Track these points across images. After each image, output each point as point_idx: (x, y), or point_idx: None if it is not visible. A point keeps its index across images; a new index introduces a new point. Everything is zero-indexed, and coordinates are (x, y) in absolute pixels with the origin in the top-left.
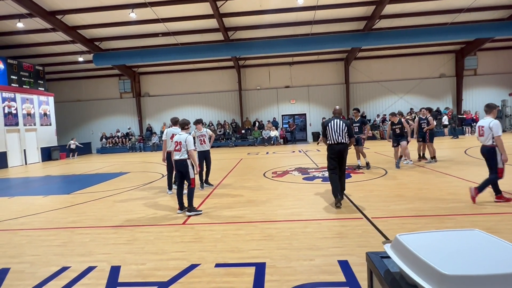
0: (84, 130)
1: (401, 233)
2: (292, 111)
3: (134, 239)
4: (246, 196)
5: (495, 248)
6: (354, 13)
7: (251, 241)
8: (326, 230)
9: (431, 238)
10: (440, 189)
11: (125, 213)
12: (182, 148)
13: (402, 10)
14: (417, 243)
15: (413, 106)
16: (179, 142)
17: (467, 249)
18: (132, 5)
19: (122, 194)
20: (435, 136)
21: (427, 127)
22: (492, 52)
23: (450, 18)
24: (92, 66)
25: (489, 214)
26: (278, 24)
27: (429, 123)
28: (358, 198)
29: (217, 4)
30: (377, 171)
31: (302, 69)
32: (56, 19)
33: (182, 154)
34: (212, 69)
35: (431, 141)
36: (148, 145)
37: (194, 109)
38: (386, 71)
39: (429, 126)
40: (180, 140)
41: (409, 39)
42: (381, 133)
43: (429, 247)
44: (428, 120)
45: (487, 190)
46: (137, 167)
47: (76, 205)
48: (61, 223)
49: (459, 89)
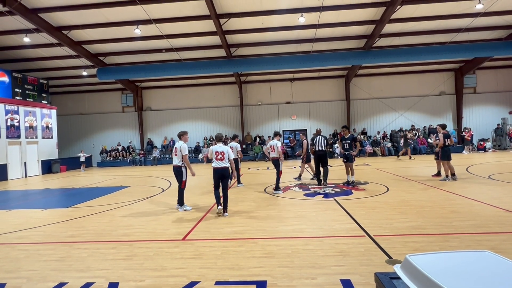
0: (85, 143)
1: (409, 254)
2: (293, 126)
3: (133, 254)
4: (247, 212)
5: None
6: (354, 32)
7: (251, 258)
8: (328, 248)
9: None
10: (442, 207)
11: (124, 228)
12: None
13: (402, 29)
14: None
15: (414, 123)
16: (221, 152)
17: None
18: (137, 22)
19: (122, 208)
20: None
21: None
22: (491, 71)
23: (449, 37)
24: (95, 80)
25: (493, 233)
26: (280, 41)
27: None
28: (360, 215)
29: (220, 21)
30: (379, 188)
31: (303, 85)
32: (62, 34)
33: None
34: (214, 85)
35: (442, 159)
36: (149, 159)
37: (196, 124)
38: (387, 88)
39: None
40: (222, 150)
41: (409, 57)
42: (381, 150)
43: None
44: (439, 137)
45: (487, 207)
46: (137, 181)
47: (75, 219)
48: (59, 237)
49: (459, 107)
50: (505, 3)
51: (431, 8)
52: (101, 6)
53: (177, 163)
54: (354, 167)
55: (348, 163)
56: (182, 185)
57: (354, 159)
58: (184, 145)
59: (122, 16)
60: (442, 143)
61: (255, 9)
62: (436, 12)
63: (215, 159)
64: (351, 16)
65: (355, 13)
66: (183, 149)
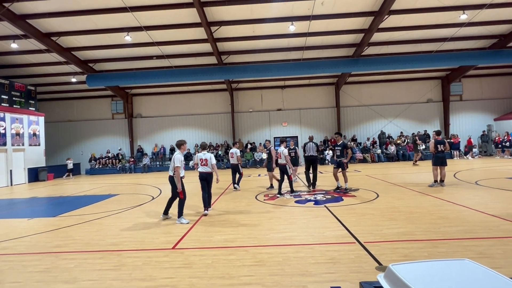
0: (74, 151)
1: (393, 263)
2: (284, 133)
3: (122, 264)
4: (238, 219)
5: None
6: (344, 40)
7: (242, 266)
8: (319, 255)
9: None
10: (431, 213)
11: (112, 237)
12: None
13: (390, 38)
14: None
15: (402, 130)
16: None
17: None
18: (128, 29)
19: (111, 217)
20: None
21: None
22: (476, 79)
23: (435, 46)
24: (84, 86)
25: (480, 239)
26: (271, 49)
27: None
28: (350, 222)
29: (212, 29)
30: (369, 195)
31: (294, 92)
32: (51, 41)
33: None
34: (205, 92)
35: (433, 164)
36: (139, 167)
37: (187, 131)
38: (376, 95)
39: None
40: (206, 158)
41: (397, 66)
42: (372, 156)
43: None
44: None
45: (474, 212)
46: (126, 189)
47: (61, 229)
48: (45, 247)
49: (446, 114)
50: (488, 14)
51: (418, 18)
52: (91, 13)
53: (171, 173)
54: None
55: (340, 170)
56: (180, 195)
57: (347, 166)
58: (177, 156)
59: (112, 23)
60: (432, 149)
61: (246, 17)
62: (423, 22)
63: (200, 165)
64: (341, 25)
65: (345, 22)
66: (176, 160)
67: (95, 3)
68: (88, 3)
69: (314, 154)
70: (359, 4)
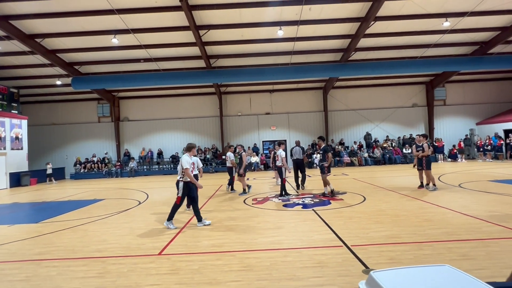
0: (58, 155)
1: (380, 265)
2: (273, 137)
3: (106, 271)
4: (226, 224)
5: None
6: (331, 45)
7: (229, 272)
8: (306, 259)
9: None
10: (416, 216)
11: (97, 243)
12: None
13: (376, 44)
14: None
15: (388, 133)
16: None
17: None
18: (114, 31)
19: (96, 222)
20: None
21: (421, 153)
22: (459, 84)
23: (419, 52)
24: (70, 89)
25: (463, 241)
26: (259, 53)
27: (424, 150)
28: (338, 225)
29: (200, 32)
30: (356, 198)
31: (283, 96)
32: (35, 43)
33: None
34: (194, 95)
35: (428, 168)
36: (125, 171)
37: (175, 135)
38: (363, 100)
39: (424, 152)
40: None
41: (383, 71)
42: (359, 160)
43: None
44: (423, 147)
45: (458, 215)
46: (112, 194)
47: (44, 235)
48: (26, 255)
49: (431, 118)
50: (469, 22)
51: (403, 25)
52: (77, 14)
53: (179, 177)
54: (332, 177)
55: (321, 174)
56: (177, 200)
57: (326, 171)
58: (185, 158)
59: (99, 25)
60: (427, 152)
61: (234, 21)
62: (407, 28)
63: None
64: (328, 30)
65: (332, 28)
66: (184, 162)
67: (82, 5)
68: (74, 5)
69: (300, 157)
70: (345, 10)
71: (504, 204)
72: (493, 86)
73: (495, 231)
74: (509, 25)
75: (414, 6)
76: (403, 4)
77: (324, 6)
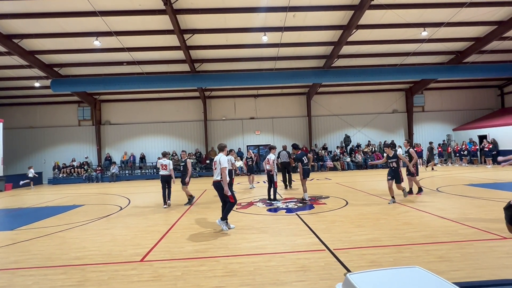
0: (36, 159)
1: (361, 268)
2: (257, 142)
3: (85, 279)
4: (209, 228)
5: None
6: (314, 52)
7: (213, 277)
8: (289, 264)
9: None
10: (396, 219)
11: (76, 251)
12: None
13: (358, 51)
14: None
15: (370, 138)
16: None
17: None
18: (96, 33)
19: (75, 229)
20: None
21: (409, 161)
22: (437, 92)
23: (399, 60)
24: (49, 92)
25: (440, 243)
26: (244, 58)
27: (411, 156)
28: (320, 229)
29: (184, 37)
30: (339, 202)
31: (267, 101)
32: (13, 43)
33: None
34: (178, 99)
35: (418, 174)
36: (106, 176)
37: (158, 138)
38: (345, 105)
39: (412, 159)
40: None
41: (364, 77)
42: (341, 164)
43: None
44: (409, 153)
45: (435, 218)
46: (93, 199)
47: (19, 243)
48: (0, 263)
49: (410, 124)
50: (446, 32)
51: (383, 33)
52: (58, 15)
53: (216, 177)
54: (315, 181)
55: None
56: (230, 199)
57: (303, 177)
58: (223, 158)
59: (80, 27)
60: (416, 159)
61: (219, 26)
62: (388, 37)
63: (161, 169)
64: (312, 37)
65: (315, 35)
66: (222, 161)
67: (63, 6)
68: (55, 5)
69: (286, 160)
70: (328, 18)
71: (478, 207)
72: (469, 93)
73: (470, 233)
74: (482, 36)
75: (394, 15)
76: (383, 13)
77: (308, 13)
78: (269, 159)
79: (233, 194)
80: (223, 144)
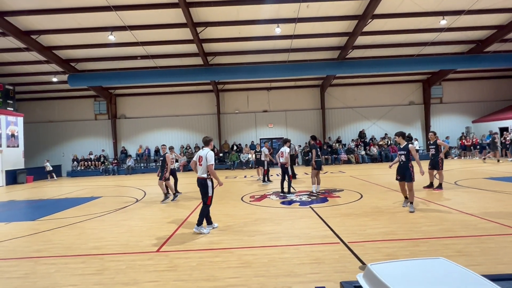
0: (55, 152)
1: (373, 262)
2: (270, 135)
3: (104, 268)
4: (223, 221)
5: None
6: (328, 43)
7: (227, 268)
8: (303, 256)
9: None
10: (412, 213)
11: (95, 241)
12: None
13: (373, 42)
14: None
15: (386, 131)
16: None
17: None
18: (111, 28)
19: (93, 220)
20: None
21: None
22: (456, 83)
23: (416, 50)
24: (66, 86)
25: (459, 237)
26: (257, 50)
27: (438, 147)
28: (335, 222)
29: (197, 30)
30: (353, 195)
31: (280, 94)
32: (31, 39)
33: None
34: (191, 92)
35: (442, 168)
36: (122, 168)
37: (172, 132)
38: (360, 97)
39: (444, 150)
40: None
41: (380, 69)
42: (356, 157)
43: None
44: (437, 144)
45: (453, 212)
46: (110, 191)
47: (41, 233)
48: (23, 252)
49: (427, 116)
50: (466, 20)
51: (400, 23)
52: (74, 11)
53: (201, 174)
54: (329, 175)
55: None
56: (207, 201)
57: (316, 168)
58: (210, 153)
59: (95, 22)
60: (448, 146)
61: (232, 18)
62: (404, 26)
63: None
64: (325, 28)
65: (329, 25)
66: (209, 157)
67: (78, 2)
68: (71, 1)
69: (292, 153)
70: (343, 8)
71: (499, 201)
72: (489, 84)
73: (490, 228)
74: (505, 24)
75: (412, 4)
76: (400, 1)
77: (322, 3)
78: (284, 152)
79: (212, 194)
80: (209, 137)
